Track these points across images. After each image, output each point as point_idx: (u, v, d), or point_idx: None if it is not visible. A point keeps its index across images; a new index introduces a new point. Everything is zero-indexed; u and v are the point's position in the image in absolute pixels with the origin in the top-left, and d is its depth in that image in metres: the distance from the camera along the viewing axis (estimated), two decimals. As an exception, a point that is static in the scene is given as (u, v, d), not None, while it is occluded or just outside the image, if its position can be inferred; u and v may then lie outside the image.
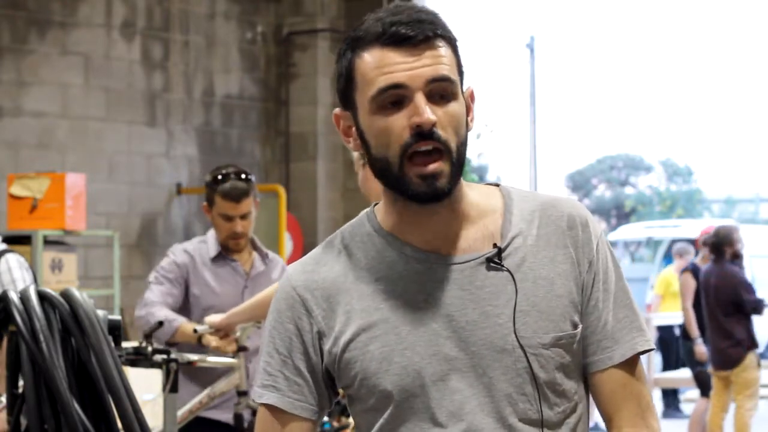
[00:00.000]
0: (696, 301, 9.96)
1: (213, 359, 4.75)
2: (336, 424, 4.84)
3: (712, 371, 9.31)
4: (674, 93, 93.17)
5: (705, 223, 20.88)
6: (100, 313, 2.47)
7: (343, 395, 2.12)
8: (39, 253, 7.98)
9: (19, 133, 9.12)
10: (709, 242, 9.58)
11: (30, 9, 9.19)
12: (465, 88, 2.05)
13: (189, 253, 5.00)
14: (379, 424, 2.04)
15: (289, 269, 2.11)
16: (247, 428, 4.74)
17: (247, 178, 4.98)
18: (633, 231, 24.18)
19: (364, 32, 2.00)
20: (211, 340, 4.69)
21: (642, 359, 2.14)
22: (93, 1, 9.60)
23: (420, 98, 1.96)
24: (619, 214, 45.06)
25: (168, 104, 10.17)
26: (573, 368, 2.05)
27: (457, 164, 1.98)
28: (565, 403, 2.04)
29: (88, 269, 9.35)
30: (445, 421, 2.00)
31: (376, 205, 2.12)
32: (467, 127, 2.02)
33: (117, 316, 2.52)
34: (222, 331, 4.69)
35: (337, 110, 2.07)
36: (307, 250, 10.03)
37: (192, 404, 4.82)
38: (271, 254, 5.16)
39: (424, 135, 1.95)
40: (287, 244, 10.13)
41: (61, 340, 2.41)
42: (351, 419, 4.52)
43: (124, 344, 4.59)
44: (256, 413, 2.16)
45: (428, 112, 1.95)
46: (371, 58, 1.98)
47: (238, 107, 10.75)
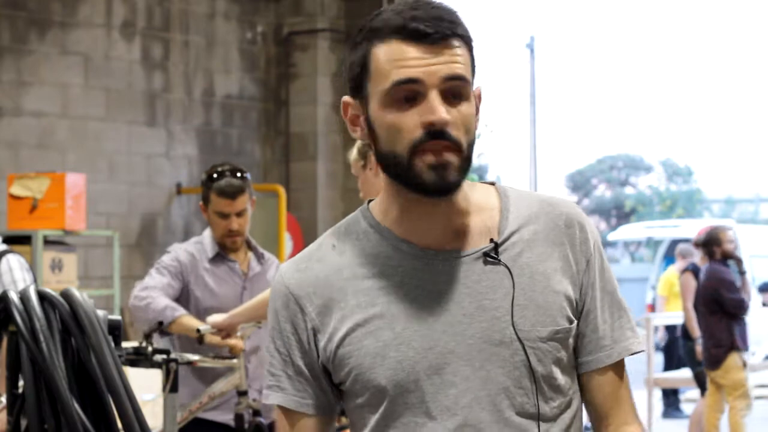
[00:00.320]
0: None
1: (213, 359, 4.76)
2: (336, 424, 4.83)
3: (706, 371, 9.32)
4: (674, 93, 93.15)
5: (705, 223, 20.88)
6: (100, 313, 2.47)
7: None
8: (39, 253, 7.98)
9: (19, 133, 9.12)
10: (700, 243, 9.61)
11: (30, 9, 9.19)
12: (474, 87, 2.03)
13: (190, 253, 4.99)
14: (375, 419, 2.05)
15: (282, 267, 2.11)
16: (248, 428, 4.74)
17: (242, 175, 4.97)
18: (633, 231, 24.20)
19: (382, 24, 1.98)
20: (213, 339, 4.70)
21: (642, 359, 2.14)
22: (93, 1, 9.60)
23: (434, 96, 1.94)
24: (619, 214, 45.06)
25: (168, 104, 10.17)
26: (567, 364, 2.05)
27: (467, 161, 1.98)
28: (560, 398, 2.04)
29: (88, 269, 9.35)
30: (440, 416, 1.99)
31: (370, 201, 2.11)
32: (475, 126, 2.02)
33: (117, 316, 2.52)
34: (224, 332, 4.71)
35: (346, 98, 2.06)
36: (307, 250, 10.02)
37: (192, 404, 4.82)
38: (266, 254, 5.16)
39: (435, 134, 1.94)
40: (287, 244, 10.13)
41: (61, 340, 2.41)
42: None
43: (124, 344, 4.60)
44: (257, 413, 2.17)
45: (442, 111, 1.94)
46: (389, 50, 1.97)
47: (238, 107, 10.75)
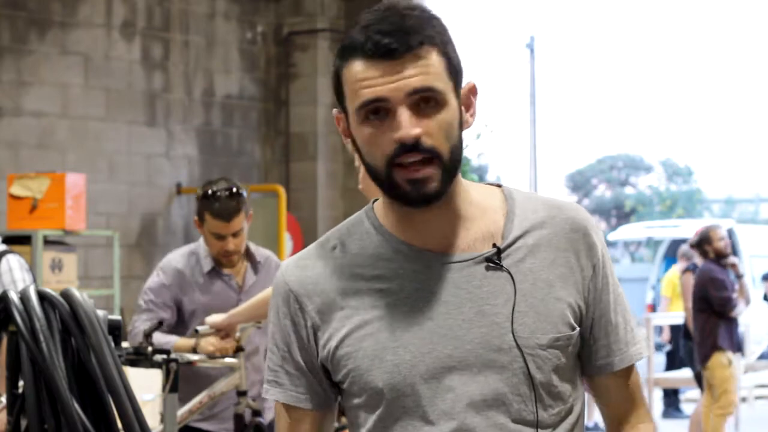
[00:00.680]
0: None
1: (213, 360, 4.76)
2: (336, 424, 4.84)
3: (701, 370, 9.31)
4: (674, 93, 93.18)
5: (704, 223, 20.88)
6: (100, 313, 2.47)
7: None
8: (39, 253, 7.98)
9: (19, 133, 9.12)
10: (693, 244, 9.59)
11: (30, 9, 9.19)
12: (465, 83, 2.02)
13: (180, 271, 4.90)
14: (372, 421, 2.04)
15: (284, 264, 2.11)
16: (248, 428, 4.74)
17: (237, 193, 4.82)
18: (633, 231, 24.18)
19: (350, 41, 1.97)
20: (207, 345, 4.70)
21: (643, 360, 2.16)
22: (93, 1, 9.60)
23: (402, 112, 1.93)
24: (619, 214, 45.05)
25: (168, 104, 10.17)
26: (568, 371, 2.05)
27: (450, 167, 1.96)
28: (560, 405, 2.03)
29: (88, 269, 9.35)
30: (436, 420, 1.99)
31: (375, 201, 2.11)
32: (462, 126, 2.00)
33: (117, 316, 2.52)
34: (223, 331, 4.71)
35: (335, 111, 2.07)
36: (307, 250, 10.03)
37: (192, 404, 4.82)
38: (263, 258, 5.05)
39: (407, 148, 1.93)
40: (287, 244, 10.13)
41: (61, 340, 2.41)
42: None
43: (124, 344, 4.60)
44: (257, 413, 2.17)
45: (409, 127, 1.92)
46: (355, 69, 1.96)
47: (238, 107, 10.75)
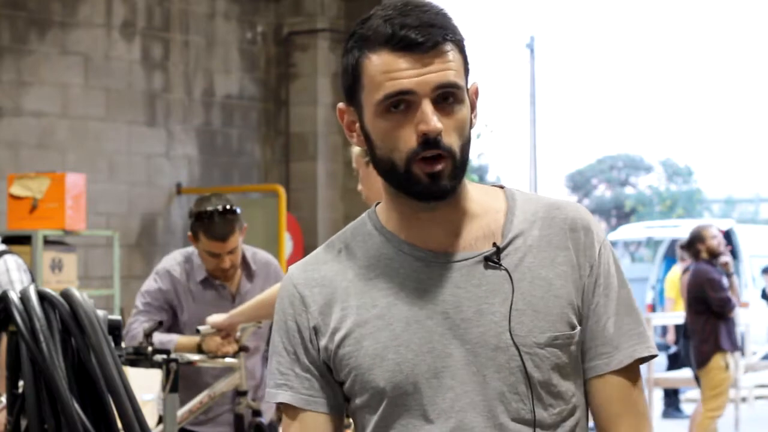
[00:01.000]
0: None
1: (213, 359, 4.76)
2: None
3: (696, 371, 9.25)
4: (674, 93, 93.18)
5: (702, 223, 20.87)
6: (100, 313, 2.47)
7: None
8: (39, 253, 7.97)
9: (19, 133, 9.12)
10: (684, 244, 9.54)
11: (30, 9, 9.19)
12: (470, 84, 2.03)
13: (175, 278, 4.91)
14: (374, 421, 2.04)
15: (291, 268, 2.12)
16: (248, 428, 4.75)
17: (231, 211, 4.79)
18: (633, 231, 24.17)
19: (372, 32, 1.97)
20: (211, 343, 4.71)
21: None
22: (93, 1, 9.60)
23: (427, 105, 1.95)
24: (619, 214, 45.05)
25: (168, 104, 10.17)
26: (570, 370, 2.04)
27: (460, 165, 1.98)
28: (561, 405, 2.03)
29: (88, 269, 9.35)
30: (436, 419, 1.99)
31: (377, 204, 2.11)
32: (471, 125, 2.01)
33: (117, 316, 2.52)
34: (224, 331, 4.72)
35: (341, 105, 2.06)
36: (307, 250, 10.03)
37: (192, 404, 4.83)
38: (261, 264, 5.03)
39: (429, 143, 1.95)
40: (287, 244, 10.13)
41: (61, 340, 2.41)
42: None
43: (124, 344, 4.60)
44: (257, 413, 2.16)
45: (435, 121, 1.94)
46: (379, 61, 1.96)
47: (238, 107, 10.75)
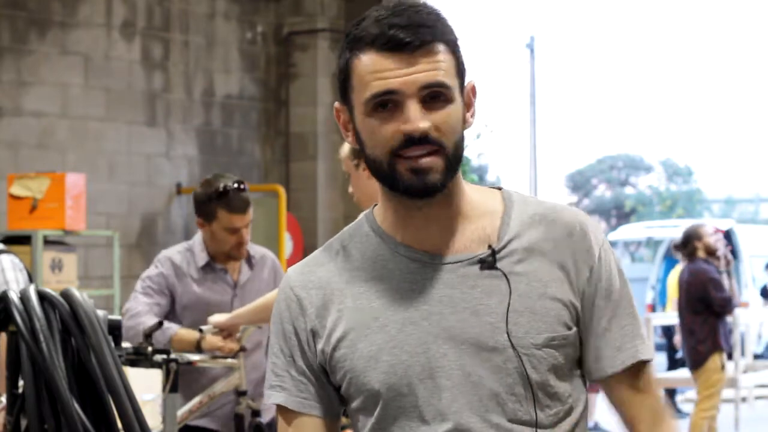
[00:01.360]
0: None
1: (213, 359, 4.77)
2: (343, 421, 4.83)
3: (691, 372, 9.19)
4: (674, 93, 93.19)
5: (710, 223, 20.88)
6: (100, 313, 2.47)
7: None
8: (39, 253, 7.97)
9: (19, 133, 9.12)
10: (678, 243, 9.48)
11: (30, 9, 9.19)
12: (466, 83, 2.04)
13: (176, 264, 4.92)
14: (370, 423, 2.04)
15: (289, 271, 2.12)
16: (248, 428, 4.75)
17: (245, 185, 4.90)
18: (633, 231, 24.18)
19: (363, 32, 1.99)
20: (211, 342, 4.71)
21: None
22: (93, 1, 9.60)
23: (412, 105, 1.95)
24: (619, 214, 45.05)
25: (168, 104, 10.17)
26: (567, 371, 2.04)
27: (453, 161, 1.98)
28: (558, 405, 2.03)
29: (88, 269, 9.35)
30: (432, 420, 1.99)
31: (375, 206, 2.12)
32: (465, 124, 2.02)
33: (117, 316, 2.52)
34: (225, 331, 4.73)
35: (337, 104, 2.08)
36: (307, 251, 10.03)
37: (192, 404, 4.83)
38: (259, 254, 5.07)
39: (413, 141, 1.95)
40: (287, 244, 10.13)
41: (61, 340, 2.41)
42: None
43: (124, 344, 4.60)
44: (257, 413, 2.16)
45: (418, 121, 1.95)
46: (367, 61, 1.98)
47: (238, 107, 10.75)
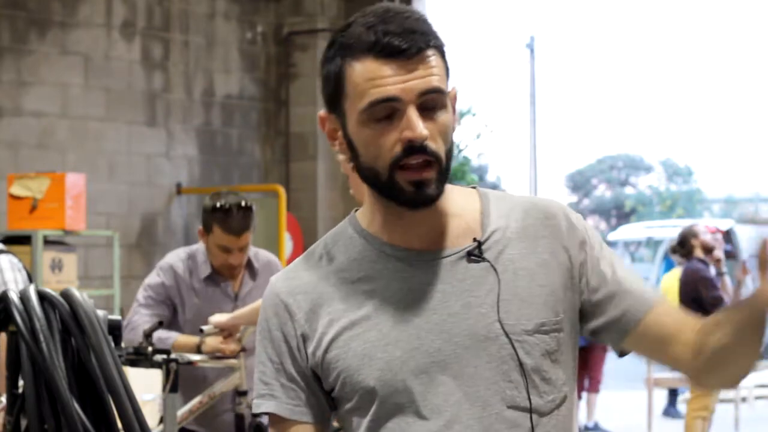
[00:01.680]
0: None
1: (213, 359, 4.77)
2: (336, 424, 4.83)
3: None
4: (674, 93, 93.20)
5: (704, 222, 20.88)
6: (100, 313, 2.47)
7: None
8: (39, 253, 7.97)
9: (19, 133, 9.12)
10: (675, 245, 9.47)
11: (30, 9, 9.19)
12: (449, 89, 2.04)
13: (179, 274, 4.91)
14: (366, 422, 2.05)
15: (273, 278, 2.12)
16: (248, 428, 4.76)
17: (248, 207, 4.84)
18: (633, 231, 24.22)
19: (355, 40, 1.97)
20: (212, 345, 4.72)
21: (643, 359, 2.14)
22: (93, 1, 9.60)
23: (412, 112, 1.95)
24: (619, 214, 45.09)
25: (168, 104, 10.17)
26: (559, 357, 2.05)
27: (445, 171, 1.99)
28: (554, 392, 2.04)
29: (88, 269, 9.35)
30: (430, 414, 2.00)
31: (357, 210, 2.14)
32: (454, 131, 2.03)
33: (117, 316, 2.52)
34: (226, 331, 4.75)
35: (322, 112, 2.07)
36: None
37: (192, 404, 4.84)
38: (263, 262, 5.03)
39: (415, 149, 1.95)
40: (287, 244, 10.13)
41: (61, 340, 2.41)
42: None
43: (125, 337, 4.61)
44: (257, 413, 2.16)
45: (420, 127, 1.94)
46: (363, 68, 1.96)
47: (238, 107, 10.75)
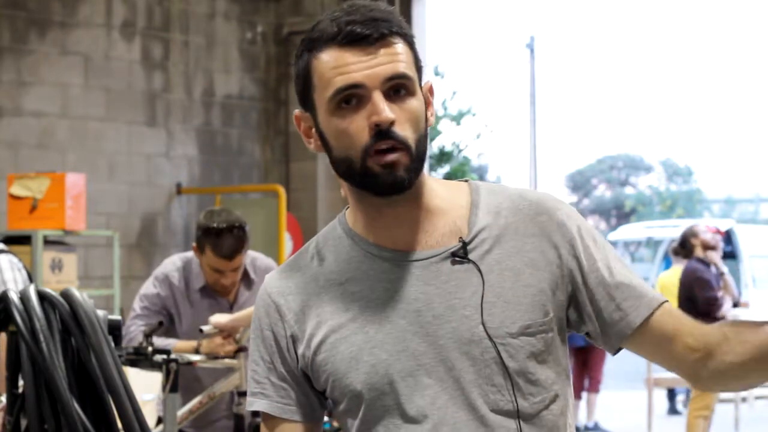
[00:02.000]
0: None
1: (213, 360, 4.79)
2: (336, 424, 4.85)
3: None
4: (674, 93, 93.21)
5: (704, 222, 20.87)
6: (100, 313, 2.47)
7: None
8: (39, 253, 7.97)
9: (19, 133, 9.12)
10: (675, 247, 9.45)
11: (30, 9, 9.19)
12: (424, 83, 2.05)
13: (173, 284, 4.90)
14: (356, 425, 2.05)
15: (267, 277, 2.13)
16: (248, 428, 4.76)
17: (240, 228, 4.76)
18: (633, 231, 24.20)
19: (319, 33, 2.00)
20: (209, 347, 4.74)
21: (643, 359, 2.13)
22: (93, 1, 9.59)
23: (378, 96, 1.96)
24: (619, 214, 45.09)
25: (168, 104, 10.17)
26: (548, 357, 2.04)
27: (417, 158, 1.99)
28: (542, 393, 2.03)
29: (88, 269, 9.35)
30: (416, 417, 2.00)
31: (347, 208, 2.13)
32: (426, 121, 2.03)
33: (117, 316, 2.52)
34: (225, 332, 4.77)
35: (297, 111, 2.08)
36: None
37: (192, 404, 4.85)
38: (259, 269, 4.98)
39: (382, 134, 1.96)
40: (287, 244, 10.13)
41: (61, 340, 2.41)
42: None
43: (124, 344, 4.62)
44: (257, 413, 2.17)
45: (387, 111, 1.95)
46: (328, 58, 1.98)
47: (238, 107, 10.75)
